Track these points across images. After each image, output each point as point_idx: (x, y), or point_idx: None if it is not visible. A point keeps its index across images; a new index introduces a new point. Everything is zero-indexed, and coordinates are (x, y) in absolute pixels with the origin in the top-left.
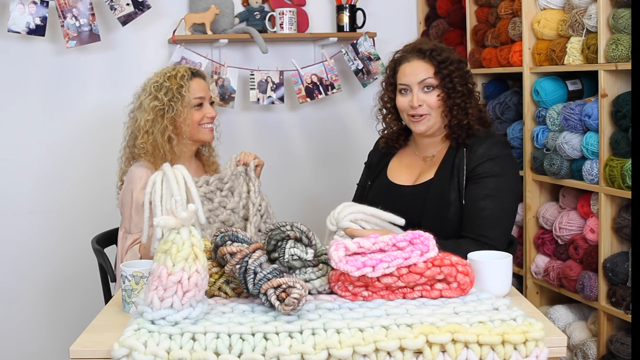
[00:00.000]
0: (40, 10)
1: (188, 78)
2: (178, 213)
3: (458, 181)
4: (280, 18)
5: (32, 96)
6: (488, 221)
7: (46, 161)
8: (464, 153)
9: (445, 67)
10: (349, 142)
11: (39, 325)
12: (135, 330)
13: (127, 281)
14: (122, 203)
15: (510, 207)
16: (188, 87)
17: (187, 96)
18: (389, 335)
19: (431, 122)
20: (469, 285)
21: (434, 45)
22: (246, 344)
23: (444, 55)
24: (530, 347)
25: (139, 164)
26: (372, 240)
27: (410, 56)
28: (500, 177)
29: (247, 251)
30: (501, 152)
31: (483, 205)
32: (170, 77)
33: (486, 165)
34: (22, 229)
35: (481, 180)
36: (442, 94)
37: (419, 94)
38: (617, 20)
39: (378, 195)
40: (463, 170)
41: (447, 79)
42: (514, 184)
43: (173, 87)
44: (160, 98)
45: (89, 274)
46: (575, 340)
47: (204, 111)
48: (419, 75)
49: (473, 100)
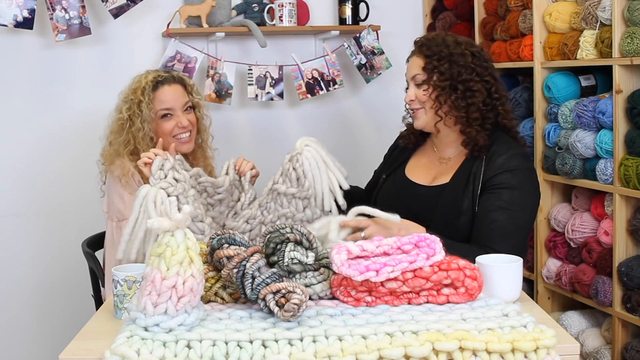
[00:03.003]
0: (29, 3)
1: (150, 90)
2: (172, 214)
3: (473, 189)
4: (279, 10)
5: (20, 92)
6: (497, 234)
7: (33, 160)
8: (483, 161)
9: (430, 61)
10: (351, 140)
11: (26, 332)
12: (128, 337)
13: (119, 286)
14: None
15: (523, 224)
16: (150, 100)
17: (146, 112)
18: (393, 342)
19: (425, 117)
20: (477, 291)
21: (427, 38)
22: (244, 352)
23: (433, 49)
24: (541, 355)
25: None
26: (375, 243)
27: (413, 51)
28: (516, 190)
29: (244, 255)
30: (521, 164)
31: (494, 216)
32: (135, 89)
33: (503, 176)
34: (8, 232)
35: (496, 191)
36: (429, 89)
37: (412, 89)
38: (633, 13)
39: (392, 190)
40: (479, 179)
41: (432, 73)
42: (530, 200)
43: (135, 100)
44: (123, 112)
45: (78, 278)
46: (588, 348)
47: (174, 121)
48: (411, 70)
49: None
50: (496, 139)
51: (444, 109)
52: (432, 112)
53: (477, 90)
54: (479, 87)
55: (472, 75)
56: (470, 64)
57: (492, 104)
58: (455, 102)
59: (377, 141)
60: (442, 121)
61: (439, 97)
